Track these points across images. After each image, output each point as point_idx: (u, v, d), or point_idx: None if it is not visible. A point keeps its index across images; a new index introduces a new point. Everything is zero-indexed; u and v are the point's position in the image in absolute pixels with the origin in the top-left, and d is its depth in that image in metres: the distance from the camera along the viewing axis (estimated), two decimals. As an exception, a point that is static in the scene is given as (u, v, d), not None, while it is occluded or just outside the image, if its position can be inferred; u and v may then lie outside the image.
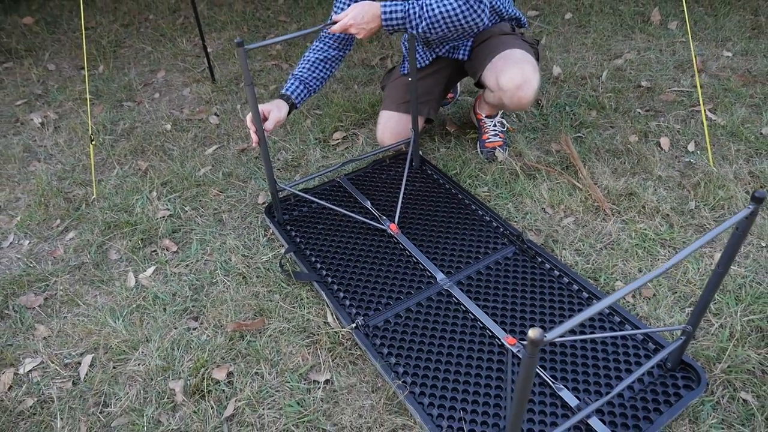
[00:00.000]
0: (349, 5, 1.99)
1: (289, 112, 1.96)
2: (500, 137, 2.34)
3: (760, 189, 2.01)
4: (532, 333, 0.84)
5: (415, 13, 1.78)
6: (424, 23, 1.79)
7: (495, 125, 2.36)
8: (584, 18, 3.45)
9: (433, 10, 1.77)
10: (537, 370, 1.48)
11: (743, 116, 2.40)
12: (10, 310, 1.82)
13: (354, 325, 1.61)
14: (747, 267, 1.74)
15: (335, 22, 1.78)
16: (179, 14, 3.91)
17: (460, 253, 1.84)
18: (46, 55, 3.44)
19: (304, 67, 2.06)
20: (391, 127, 2.28)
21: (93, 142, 2.35)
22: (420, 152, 2.29)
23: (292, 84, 2.03)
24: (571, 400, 1.40)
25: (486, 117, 2.37)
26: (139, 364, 1.61)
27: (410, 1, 1.78)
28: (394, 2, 1.77)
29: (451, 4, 1.77)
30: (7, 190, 2.35)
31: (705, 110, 2.42)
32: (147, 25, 3.78)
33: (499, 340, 1.55)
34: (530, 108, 2.59)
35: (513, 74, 1.98)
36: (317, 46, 2.09)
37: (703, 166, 2.16)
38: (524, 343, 1.52)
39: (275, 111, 1.90)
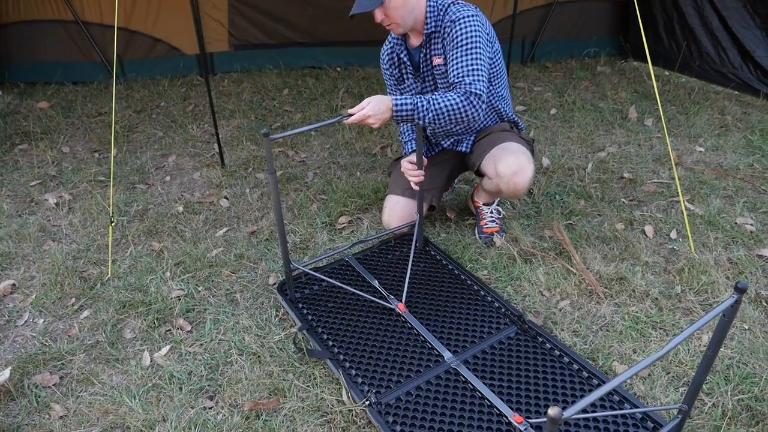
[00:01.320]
0: (396, 87, 2.40)
1: None
2: (497, 223, 2.51)
3: (740, 277, 2.18)
4: (552, 411, 0.94)
5: (422, 105, 1.98)
6: (430, 114, 1.98)
7: (492, 212, 2.53)
8: (568, 114, 3.75)
9: (438, 103, 1.98)
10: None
11: (718, 207, 2.61)
12: (25, 389, 1.85)
13: (367, 402, 1.68)
14: (733, 348, 1.87)
15: (350, 114, 1.95)
16: (189, 102, 4.15)
17: (465, 332, 1.95)
18: (61, 138, 3.61)
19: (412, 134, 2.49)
20: (398, 211, 2.44)
21: (112, 223, 2.46)
22: (423, 234, 2.43)
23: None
24: (579, 477, 1.46)
25: (483, 204, 2.54)
26: (156, 443, 1.65)
27: (418, 96, 2.00)
28: (404, 96, 1.99)
29: (454, 99, 1.98)
30: (23, 268, 2.43)
31: (684, 201, 2.63)
32: (158, 112, 4.00)
33: (507, 418, 1.63)
34: (524, 196, 2.78)
35: (510, 162, 2.19)
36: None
37: (685, 252, 2.33)
38: (531, 421, 1.60)
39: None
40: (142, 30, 4.49)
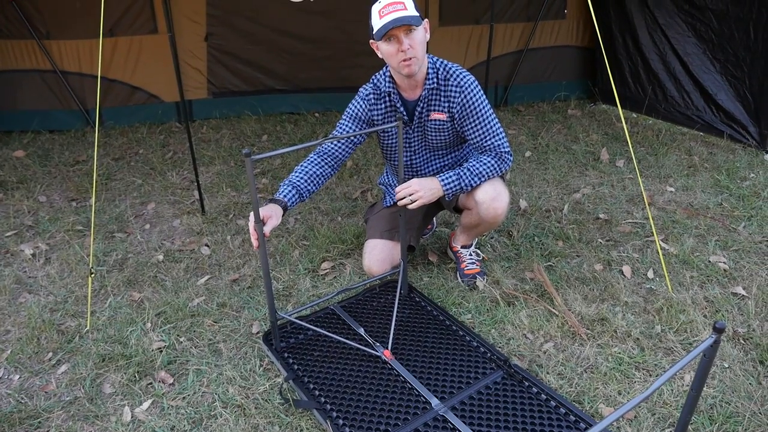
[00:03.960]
0: (349, 126, 2.31)
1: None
2: (477, 264, 2.54)
3: (717, 315, 2.23)
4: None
5: (465, 175, 2.24)
6: (475, 180, 2.25)
7: (470, 254, 2.57)
8: (542, 156, 3.85)
9: (477, 169, 2.25)
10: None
11: (692, 246, 2.69)
12: (-1, 450, 1.78)
13: (356, 455, 1.66)
14: (715, 388, 1.90)
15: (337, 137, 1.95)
16: (168, 149, 4.16)
17: (452, 378, 1.94)
18: (37, 187, 3.57)
19: (301, 178, 2.22)
20: (377, 254, 2.45)
21: (92, 275, 2.42)
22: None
23: (289, 191, 2.16)
24: None
25: (461, 248, 2.58)
26: (137, 505, 1.59)
27: (455, 171, 2.24)
28: (444, 174, 2.23)
29: (489, 162, 2.26)
30: (-3, 322, 2.36)
31: (659, 241, 2.70)
32: (137, 159, 3.99)
33: (497, 466, 1.62)
34: (503, 221, 2.82)
35: (487, 189, 2.29)
36: (315, 159, 2.28)
37: (663, 292, 2.38)
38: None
39: (274, 218, 1.99)
40: (120, 78, 4.53)
